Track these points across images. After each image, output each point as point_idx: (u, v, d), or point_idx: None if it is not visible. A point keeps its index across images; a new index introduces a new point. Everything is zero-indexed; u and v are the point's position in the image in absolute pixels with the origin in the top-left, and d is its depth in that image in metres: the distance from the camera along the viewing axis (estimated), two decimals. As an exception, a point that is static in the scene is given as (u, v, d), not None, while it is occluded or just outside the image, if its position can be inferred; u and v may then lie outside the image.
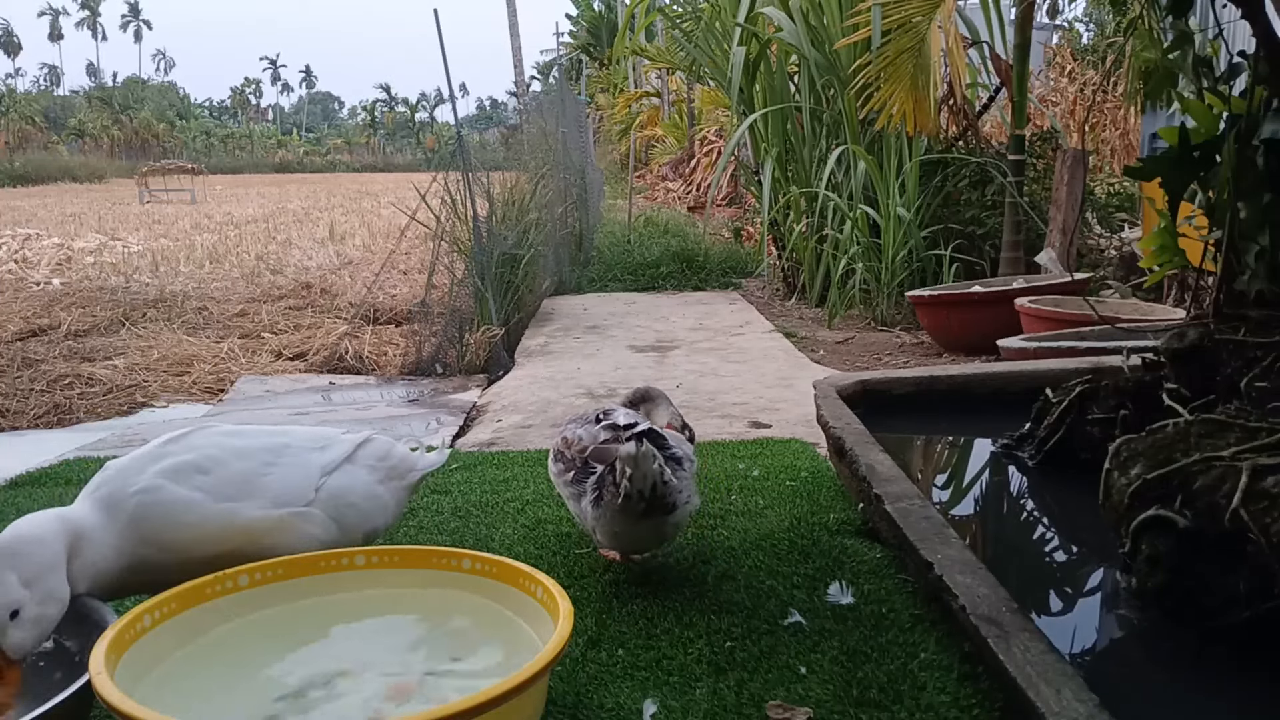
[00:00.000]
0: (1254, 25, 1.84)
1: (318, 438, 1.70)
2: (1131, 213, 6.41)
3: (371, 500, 1.69)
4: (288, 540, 1.54)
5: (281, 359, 4.72)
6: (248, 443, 1.60)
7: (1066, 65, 10.41)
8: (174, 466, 1.50)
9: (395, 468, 1.75)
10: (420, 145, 62.44)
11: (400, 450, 1.80)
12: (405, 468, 1.77)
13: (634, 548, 1.77)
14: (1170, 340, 1.96)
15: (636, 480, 1.58)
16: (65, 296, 6.32)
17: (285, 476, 1.58)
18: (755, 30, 6.44)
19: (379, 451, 1.75)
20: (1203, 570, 1.39)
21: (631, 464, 1.58)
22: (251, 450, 1.59)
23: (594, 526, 1.69)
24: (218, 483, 1.51)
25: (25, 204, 18.22)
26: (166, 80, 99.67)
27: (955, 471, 2.46)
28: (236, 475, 1.53)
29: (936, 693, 1.33)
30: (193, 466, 1.51)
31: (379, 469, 1.72)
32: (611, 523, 1.64)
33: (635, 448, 1.57)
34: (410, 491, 1.80)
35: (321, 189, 24.18)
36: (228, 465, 1.54)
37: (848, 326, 5.42)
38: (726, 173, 11.29)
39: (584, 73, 22.52)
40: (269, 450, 1.60)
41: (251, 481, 1.54)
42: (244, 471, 1.54)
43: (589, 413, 1.85)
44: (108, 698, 1.10)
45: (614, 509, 1.61)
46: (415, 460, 1.81)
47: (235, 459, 1.55)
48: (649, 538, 1.71)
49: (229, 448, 1.57)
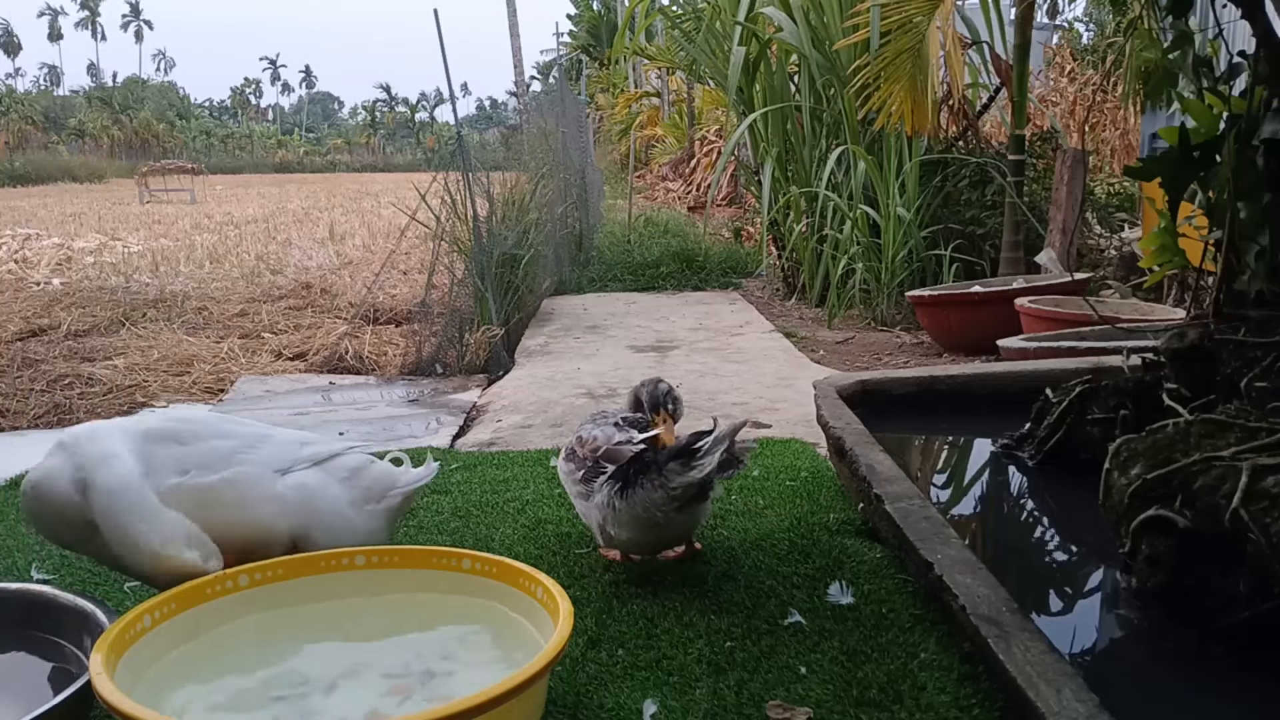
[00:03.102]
0: (1254, 25, 1.84)
1: (302, 436, 1.69)
2: (1131, 213, 6.41)
3: (340, 519, 1.62)
4: (256, 493, 1.54)
5: (281, 359, 4.72)
6: (234, 429, 1.63)
7: (1066, 65, 10.41)
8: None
9: (370, 489, 1.66)
10: (420, 145, 62.44)
11: (379, 469, 1.70)
12: (382, 487, 1.68)
13: (654, 543, 1.75)
14: (1170, 340, 1.96)
15: (708, 466, 1.61)
16: (65, 296, 6.31)
17: (265, 455, 1.60)
18: (755, 30, 6.44)
19: (351, 465, 1.66)
20: (1203, 570, 1.39)
21: (716, 446, 1.61)
22: (236, 433, 1.61)
23: (610, 522, 1.68)
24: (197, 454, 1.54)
25: (25, 204, 18.21)
26: (166, 80, 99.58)
27: (955, 471, 2.46)
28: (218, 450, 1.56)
29: (936, 693, 1.33)
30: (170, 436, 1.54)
31: (353, 487, 1.64)
32: (650, 511, 1.63)
33: (729, 427, 1.65)
34: (391, 518, 1.70)
35: (321, 189, 24.17)
36: (207, 441, 1.57)
37: (848, 326, 5.41)
38: (726, 173, 11.29)
39: (584, 73, 22.51)
40: (254, 436, 1.62)
41: (230, 458, 1.56)
42: (226, 449, 1.57)
43: (608, 413, 1.85)
44: (107, 698, 1.10)
45: (664, 495, 1.61)
46: (396, 478, 1.71)
47: (218, 438, 1.58)
48: (673, 532, 1.71)
49: (216, 429, 1.61)
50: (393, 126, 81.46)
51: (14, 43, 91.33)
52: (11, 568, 1.92)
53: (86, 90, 78.54)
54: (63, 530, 1.48)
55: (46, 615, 1.44)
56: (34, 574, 1.86)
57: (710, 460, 1.60)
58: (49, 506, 1.46)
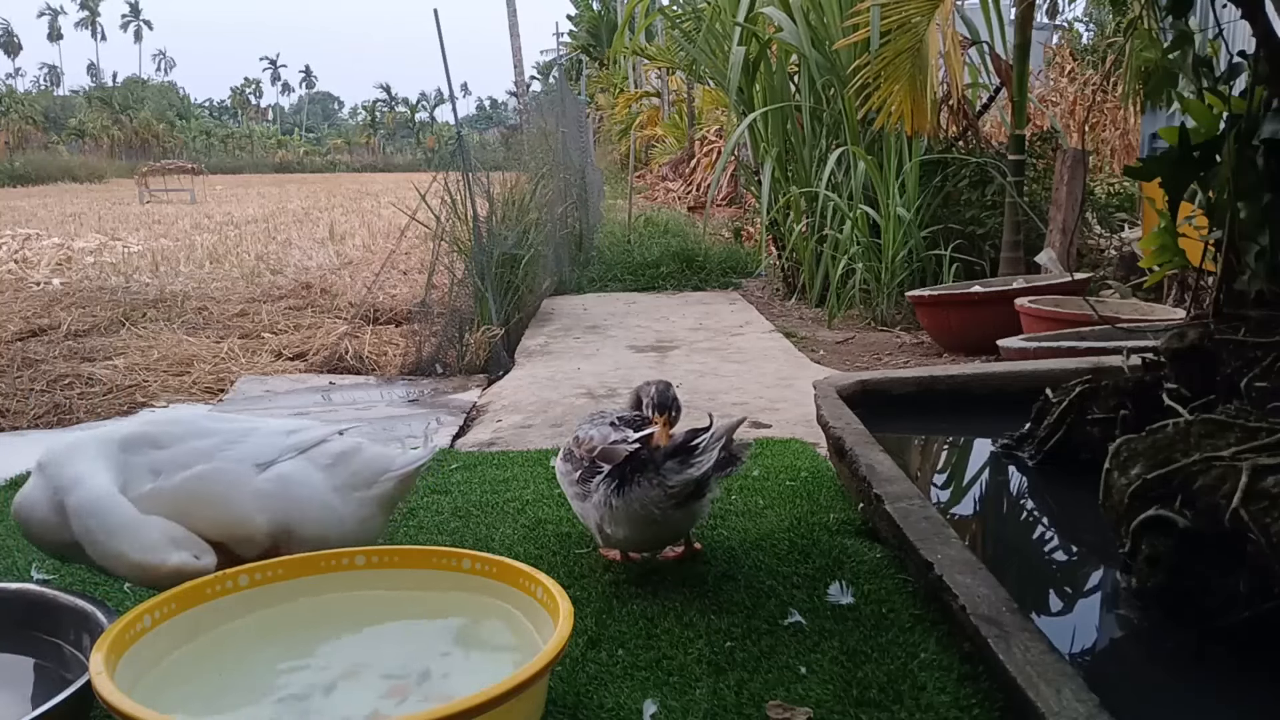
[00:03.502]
0: (1254, 25, 1.84)
1: (289, 425, 1.65)
2: (1131, 213, 6.40)
3: (323, 508, 1.56)
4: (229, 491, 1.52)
5: (281, 359, 4.72)
6: (217, 426, 1.61)
7: (1066, 65, 10.41)
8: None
9: (358, 473, 1.59)
10: (420, 145, 62.42)
11: (369, 454, 1.62)
12: (373, 472, 1.60)
13: (652, 541, 1.75)
14: (1170, 340, 1.96)
15: (705, 463, 1.60)
16: (65, 296, 6.31)
17: (246, 450, 1.57)
18: (755, 30, 6.44)
19: (335, 450, 1.59)
20: (1203, 570, 1.39)
21: (716, 443, 1.60)
22: (219, 430, 1.60)
23: (607, 521, 1.68)
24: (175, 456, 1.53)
25: (25, 204, 18.21)
26: (166, 80, 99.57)
27: (955, 471, 2.46)
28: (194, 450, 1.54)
29: (936, 693, 1.33)
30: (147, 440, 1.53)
31: (337, 474, 1.57)
32: (647, 508, 1.62)
33: (730, 424, 1.64)
34: (385, 504, 1.63)
35: (321, 189, 24.16)
36: (187, 441, 1.55)
37: (848, 326, 5.41)
38: (726, 173, 11.29)
39: (584, 73, 22.51)
40: (238, 432, 1.60)
41: (209, 456, 1.55)
42: (203, 447, 1.55)
43: (606, 413, 1.85)
44: (107, 698, 1.10)
45: (662, 492, 1.61)
46: (390, 461, 1.63)
47: (198, 437, 1.57)
48: (670, 530, 1.71)
49: (197, 428, 1.59)
50: (393, 126, 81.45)
51: (14, 43, 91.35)
52: (11, 568, 1.92)
53: (86, 90, 78.51)
54: (52, 547, 1.50)
55: (46, 615, 1.44)
56: (34, 574, 1.86)
57: (708, 458, 1.60)
58: (34, 529, 1.48)
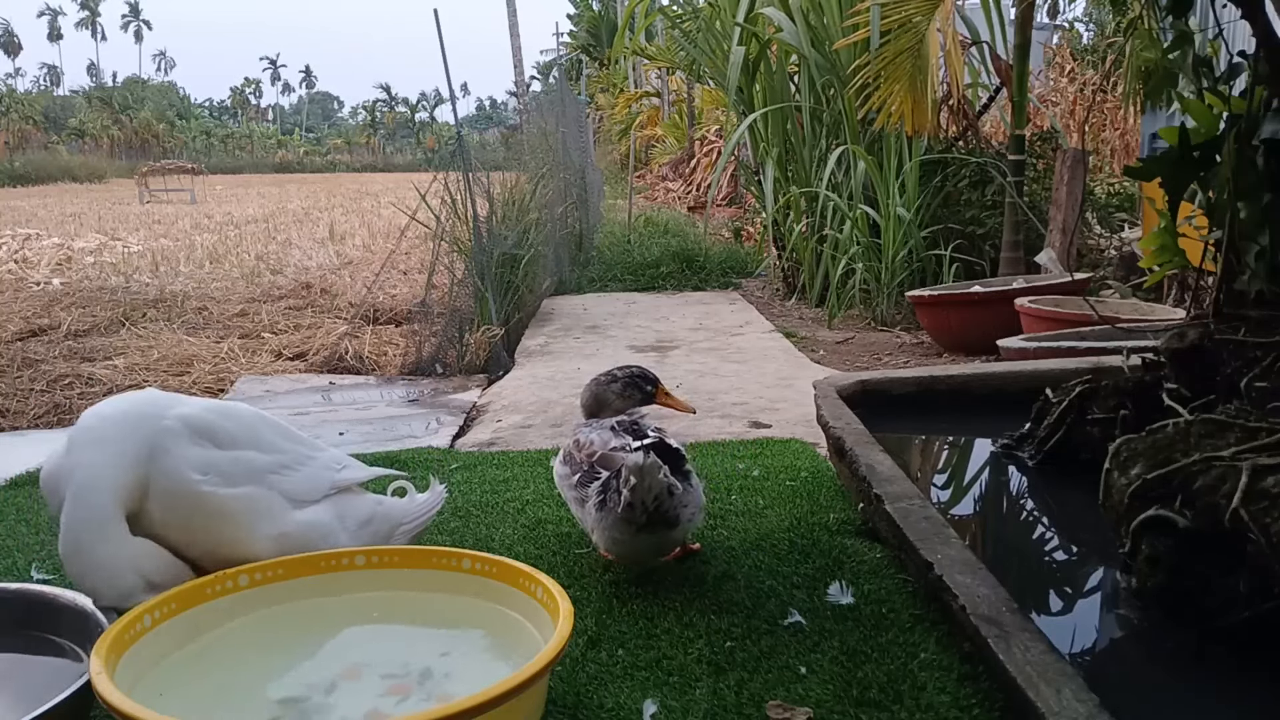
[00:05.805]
0: (1254, 25, 1.84)
1: (337, 458, 1.66)
2: (1131, 213, 6.41)
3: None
4: (251, 520, 1.49)
5: (281, 359, 4.72)
6: (277, 441, 1.58)
7: (1066, 65, 10.41)
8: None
9: (377, 532, 1.64)
10: (420, 145, 62.45)
11: (386, 510, 1.66)
12: (389, 529, 1.65)
13: (633, 558, 1.74)
14: (1170, 340, 1.96)
15: (640, 491, 1.55)
16: (65, 296, 6.31)
17: (294, 484, 1.56)
18: (755, 30, 6.44)
19: (362, 515, 1.61)
20: (1203, 570, 1.38)
21: (637, 474, 1.54)
22: (278, 448, 1.57)
23: (595, 532, 1.69)
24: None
25: (25, 204, 18.21)
26: (166, 80, 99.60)
27: (955, 471, 2.46)
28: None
29: (936, 693, 1.33)
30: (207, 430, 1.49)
31: (360, 537, 1.60)
32: (612, 530, 1.63)
33: (642, 458, 1.54)
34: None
35: (321, 189, 24.16)
36: (243, 449, 1.52)
37: (848, 326, 5.41)
38: (726, 173, 11.29)
39: (584, 73, 22.51)
40: (297, 457, 1.58)
41: (260, 478, 1.52)
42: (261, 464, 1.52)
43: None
44: (107, 698, 1.10)
45: (615, 517, 1.60)
46: (404, 515, 1.68)
47: (255, 449, 1.53)
48: (647, 551, 1.69)
49: (256, 436, 1.55)
50: (393, 126, 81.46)
51: (14, 43, 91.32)
52: (11, 568, 1.92)
53: (86, 90, 78.53)
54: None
55: (46, 615, 1.44)
56: (34, 574, 1.86)
57: (623, 495, 1.56)
58: (51, 505, 1.47)
